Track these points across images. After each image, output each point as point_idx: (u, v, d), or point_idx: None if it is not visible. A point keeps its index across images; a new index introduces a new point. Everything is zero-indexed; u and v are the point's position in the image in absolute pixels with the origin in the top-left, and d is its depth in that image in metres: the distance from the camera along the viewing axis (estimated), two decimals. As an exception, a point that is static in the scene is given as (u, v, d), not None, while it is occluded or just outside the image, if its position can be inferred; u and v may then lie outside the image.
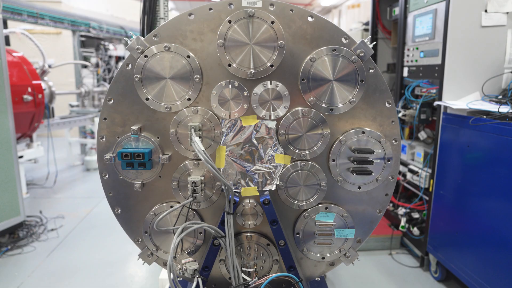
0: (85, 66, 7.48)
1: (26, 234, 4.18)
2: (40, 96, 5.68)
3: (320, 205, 1.75)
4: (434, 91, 3.30)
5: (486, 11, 2.95)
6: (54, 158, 6.40)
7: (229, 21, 1.57)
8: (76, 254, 3.79)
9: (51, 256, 3.76)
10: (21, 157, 5.49)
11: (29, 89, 5.46)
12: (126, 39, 1.81)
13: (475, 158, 2.75)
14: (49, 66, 6.14)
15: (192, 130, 1.60)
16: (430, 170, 3.33)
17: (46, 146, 6.31)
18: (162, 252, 1.80)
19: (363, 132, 1.67)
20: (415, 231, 3.47)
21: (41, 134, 6.62)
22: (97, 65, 7.46)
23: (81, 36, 7.44)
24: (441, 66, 3.08)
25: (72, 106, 7.37)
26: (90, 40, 7.73)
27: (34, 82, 5.59)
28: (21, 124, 5.46)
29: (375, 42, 1.67)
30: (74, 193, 5.70)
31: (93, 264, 3.59)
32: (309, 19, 1.60)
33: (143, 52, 1.60)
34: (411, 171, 3.64)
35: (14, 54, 5.66)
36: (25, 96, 5.34)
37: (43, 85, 5.92)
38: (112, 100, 1.67)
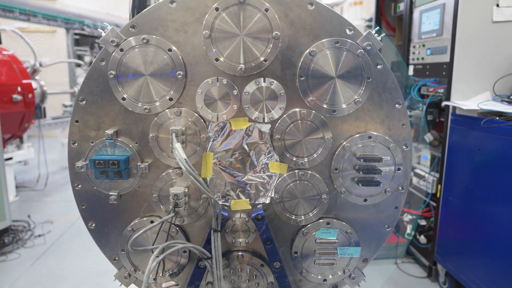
0: (78, 65, 7.30)
1: (12, 240, 4.01)
2: (30, 95, 5.55)
3: (321, 220, 1.56)
4: (441, 90, 3.14)
5: (497, 5, 2.85)
6: (45, 160, 6.21)
7: (216, 9, 1.37)
8: (63, 263, 3.62)
9: (36, 264, 3.58)
10: (10, 158, 5.33)
11: (19, 89, 5.33)
12: (101, 30, 1.61)
13: (486, 162, 2.62)
14: (40, 65, 5.97)
15: (174, 134, 1.39)
16: (437, 175, 3.17)
17: (37, 147, 6.13)
18: (141, 273, 1.60)
19: (370, 137, 1.49)
20: (422, 239, 3.30)
21: (32, 135, 6.44)
22: (91, 64, 7.28)
23: (75, 34, 7.29)
24: (450, 64, 2.97)
25: (65, 106, 7.19)
26: (85, 38, 7.57)
27: (24, 81, 5.45)
28: (11, 125, 5.34)
29: (383, 34, 1.46)
30: (65, 197, 5.53)
31: (79, 273, 3.43)
32: (309, 7, 1.40)
33: (119, 45, 1.41)
34: (417, 175, 3.46)
35: (4, 52, 5.51)
36: (15, 96, 5.22)
37: (34, 85, 5.79)
38: (85, 101, 1.50)
